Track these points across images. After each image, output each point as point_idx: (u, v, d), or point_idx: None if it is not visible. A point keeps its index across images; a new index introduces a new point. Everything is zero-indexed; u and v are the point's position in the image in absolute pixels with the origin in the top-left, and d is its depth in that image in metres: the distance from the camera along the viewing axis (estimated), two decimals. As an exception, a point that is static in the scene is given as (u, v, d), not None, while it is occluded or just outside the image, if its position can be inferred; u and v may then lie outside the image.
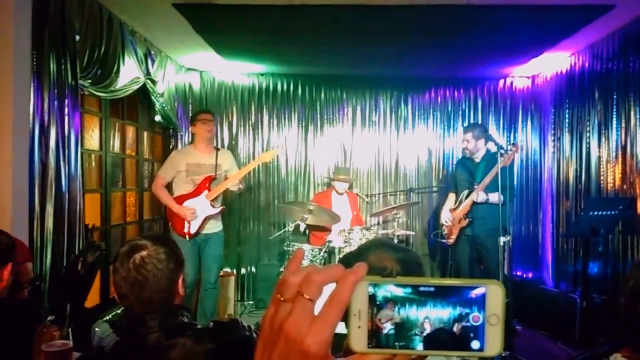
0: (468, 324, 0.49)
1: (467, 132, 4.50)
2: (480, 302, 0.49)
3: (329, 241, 4.60)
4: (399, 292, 0.49)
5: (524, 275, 5.66)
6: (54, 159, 3.07)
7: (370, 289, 0.49)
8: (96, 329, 2.26)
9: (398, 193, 5.95)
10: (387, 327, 0.49)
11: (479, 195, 4.18)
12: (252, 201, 5.94)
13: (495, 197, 4.02)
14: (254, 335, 1.55)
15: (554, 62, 5.16)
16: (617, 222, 3.97)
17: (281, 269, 4.95)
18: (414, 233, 5.68)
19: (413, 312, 0.49)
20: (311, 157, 5.97)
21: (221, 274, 5.14)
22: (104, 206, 4.33)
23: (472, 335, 0.49)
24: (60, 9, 3.13)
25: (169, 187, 4.25)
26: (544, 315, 4.68)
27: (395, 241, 4.73)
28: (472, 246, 4.44)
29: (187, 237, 4.05)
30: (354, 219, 5.10)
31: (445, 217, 4.63)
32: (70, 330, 1.72)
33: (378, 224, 5.98)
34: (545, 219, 5.44)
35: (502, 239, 3.81)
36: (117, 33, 3.89)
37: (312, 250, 4.54)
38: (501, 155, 3.90)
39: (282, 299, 0.47)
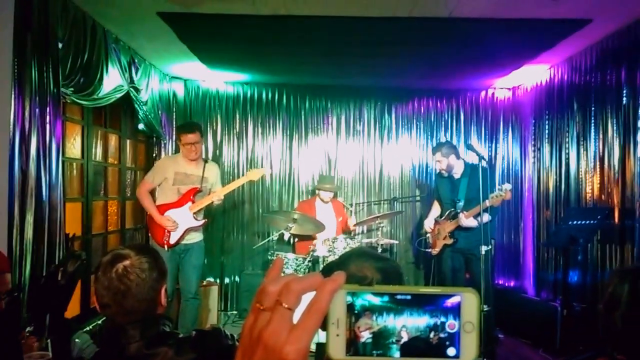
0: (444, 331, 0.50)
1: (435, 153, 4.54)
2: (456, 310, 0.50)
3: (313, 250, 4.59)
4: (377, 300, 0.50)
5: (506, 284, 5.71)
6: (34, 167, 3.03)
7: (349, 298, 0.50)
8: (76, 340, 2.23)
9: (382, 202, 5.98)
10: (365, 336, 0.50)
11: (464, 222, 4.23)
12: (236, 210, 5.92)
13: (483, 219, 4.02)
14: (237, 344, 1.54)
15: (534, 75, 5.26)
16: (595, 231, 4.04)
17: (265, 279, 4.91)
18: (397, 242, 5.71)
19: (390, 321, 0.50)
20: (296, 166, 5.97)
21: (204, 283, 5.10)
22: (85, 215, 4.27)
23: (448, 342, 0.50)
24: (43, 16, 3.10)
25: (152, 193, 4.22)
26: (526, 324, 4.72)
27: (379, 250, 4.75)
28: (458, 255, 4.47)
29: (165, 246, 4.02)
30: (340, 225, 5.11)
31: (429, 226, 4.67)
32: (49, 341, 1.70)
33: (362, 232, 5.99)
34: (526, 229, 5.51)
35: (483, 248, 3.85)
36: (100, 41, 3.86)
37: (297, 260, 4.53)
38: (482, 168, 3.91)
39: (261, 307, 0.48)
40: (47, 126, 3.16)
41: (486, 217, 4.04)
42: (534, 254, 5.25)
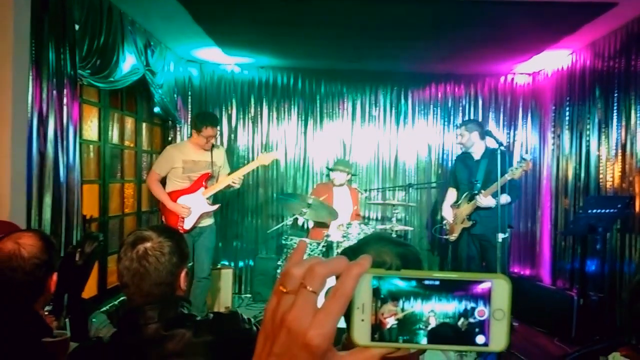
0: (473, 318, 0.48)
1: (460, 126, 4.59)
2: (486, 297, 0.48)
3: (327, 235, 4.59)
4: (404, 285, 0.48)
5: (522, 273, 5.67)
6: (52, 149, 3.05)
7: (374, 282, 0.48)
8: (93, 320, 2.26)
9: (397, 188, 5.94)
10: (391, 321, 0.48)
11: (482, 201, 4.17)
12: (251, 194, 5.93)
13: (502, 199, 3.97)
14: (254, 328, 1.55)
15: (555, 60, 5.15)
16: (615, 220, 3.97)
17: (279, 262, 4.94)
18: (412, 229, 5.68)
19: (417, 306, 0.48)
20: (310, 151, 5.95)
21: (219, 266, 5.15)
22: (102, 197, 4.31)
23: (477, 330, 0.48)
24: (60, -2, 3.10)
25: (162, 180, 4.23)
26: (541, 313, 4.68)
27: (394, 236, 4.72)
28: (475, 242, 4.42)
29: (180, 231, 4.05)
30: (354, 214, 5.08)
31: (447, 214, 4.62)
32: (67, 320, 1.72)
33: (376, 219, 5.98)
34: (544, 217, 5.44)
35: (500, 236, 3.80)
36: (117, 23, 3.86)
37: (310, 244, 4.53)
38: (501, 152, 3.86)
39: (284, 290, 0.46)
40: (65, 108, 3.18)
41: (505, 198, 3.99)
42: (551, 242, 5.19)
